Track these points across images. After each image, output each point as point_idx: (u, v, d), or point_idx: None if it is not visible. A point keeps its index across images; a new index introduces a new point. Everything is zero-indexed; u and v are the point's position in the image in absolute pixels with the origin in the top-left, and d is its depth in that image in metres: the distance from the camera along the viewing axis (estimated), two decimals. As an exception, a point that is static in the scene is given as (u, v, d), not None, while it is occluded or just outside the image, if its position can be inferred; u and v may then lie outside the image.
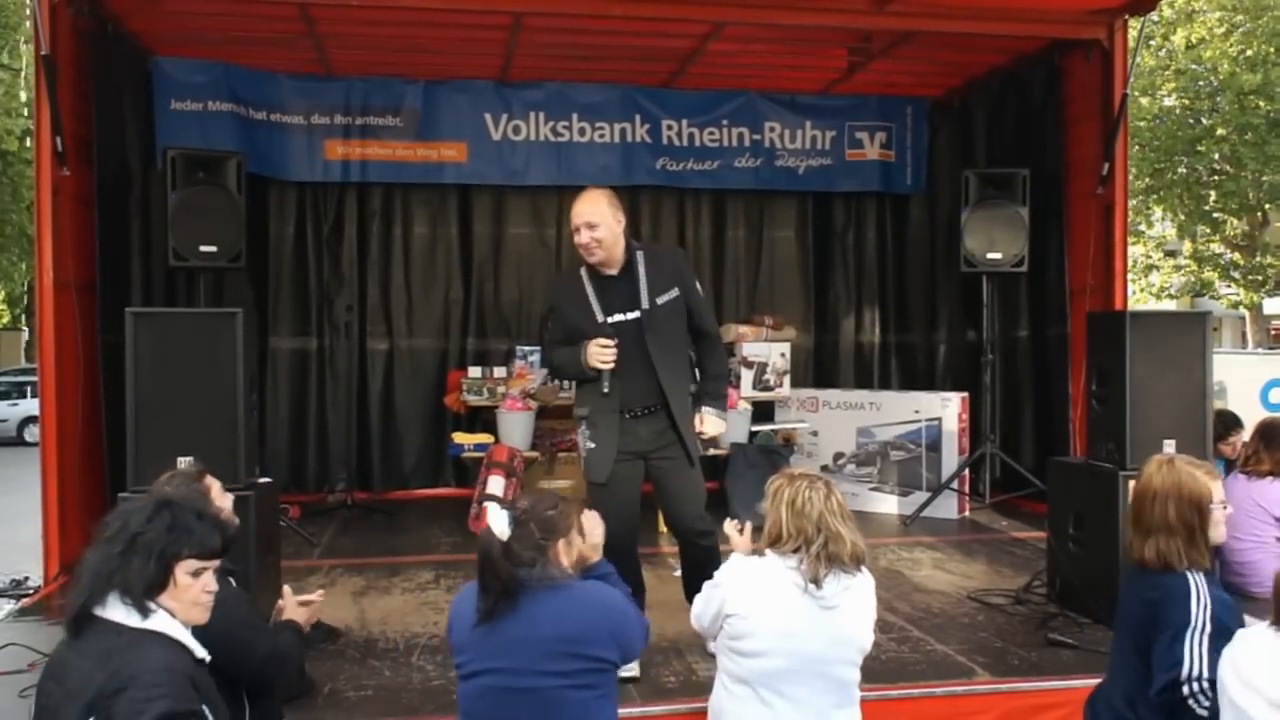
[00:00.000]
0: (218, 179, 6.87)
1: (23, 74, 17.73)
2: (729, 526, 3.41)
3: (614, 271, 4.29)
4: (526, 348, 8.01)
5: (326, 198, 8.52)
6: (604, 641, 2.82)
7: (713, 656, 3.29)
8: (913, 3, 6.60)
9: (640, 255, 4.32)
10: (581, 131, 8.45)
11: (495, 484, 6.80)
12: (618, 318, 4.25)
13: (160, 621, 2.33)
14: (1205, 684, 2.80)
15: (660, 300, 4.27)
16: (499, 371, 7.81)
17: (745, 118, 8.68)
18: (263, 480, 4.86)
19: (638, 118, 8.51)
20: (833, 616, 2.95)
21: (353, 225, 8.55)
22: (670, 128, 8.55)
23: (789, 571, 2.95)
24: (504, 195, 8.72)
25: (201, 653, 2.40)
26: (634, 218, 8.76)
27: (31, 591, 5.83)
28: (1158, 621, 2.94)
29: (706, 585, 3.10)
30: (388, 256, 8.65)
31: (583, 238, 4.18)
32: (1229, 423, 6.21)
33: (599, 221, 4.18)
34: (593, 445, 4.29)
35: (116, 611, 2.30)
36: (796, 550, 2.95)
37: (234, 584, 3.33)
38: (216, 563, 2.47)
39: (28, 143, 16.78)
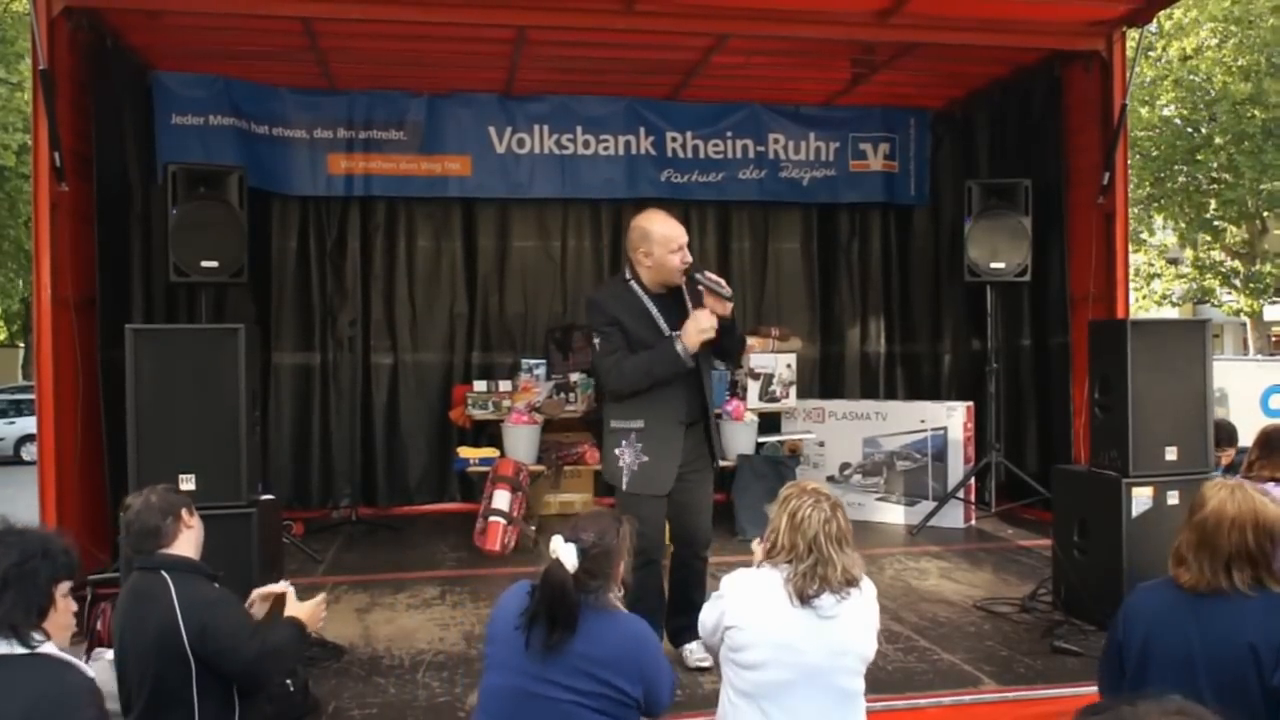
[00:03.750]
0: (219, 193, 6.86)
1: (21, 89, 17.73)
2: (756, 544, 3.28)
3: (664, 291, 4.34)
4: (532, 361, 8.02)
5: (329, 212, 8.50)
6: (629, 674, 2.80)
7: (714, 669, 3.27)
8: (914, 15, 6.63)
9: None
10: (586, 144, 8.46)
11: (501, 498, 6.80)
12: (674, 333, 4.28)
13: (49, 646, 2.37)
14: None
15: None
16: (504, 385, 7.82)
17: (749, 129, 8.71)
18: (265, 497, 4.83)
19: (642, 130, 8.53)
20: (831, 626, 2.91)
21: (356, 239, 8.53)
22: (675, 140, 8.58)
23: (785, 583, 2.93)
24: (508, 208, 8.72)
25: (89, 670, 2.42)
26: (638, 230, 8.77)
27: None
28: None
29: (713, 596, 3.09)
30: (391, 270, 8.64)
31: (688, 256, 4.27)
32: (1229, 435, 6.23)
33: None
34: (646, 458, 4.27)
35: None
36: (789, 562, 2.94)
37: (219, 587, 3.35)
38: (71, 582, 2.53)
39: (25, 157, 16.76)
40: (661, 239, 4.25)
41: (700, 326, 4.16)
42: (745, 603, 2.95)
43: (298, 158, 8.16)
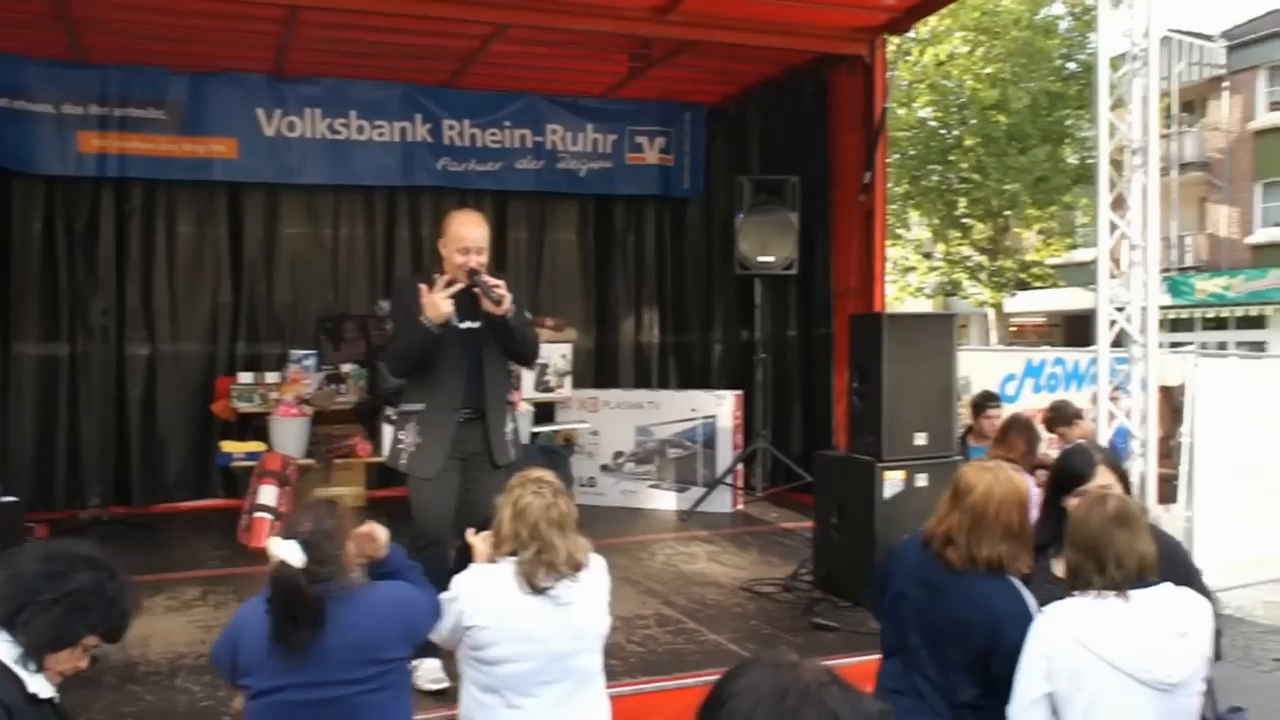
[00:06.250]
0: (-48, 170, 6.31)
1: None
2: (470, 534, 3.38)
3: (464, 283, 4.39)
4: (301, 352, 7.76)
5: (79, 193, 7.96)
6: (396, 642, 2.85)
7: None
8: (690, 13, 6.79)
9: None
10: (360, 129, 8.24)
11: (268, 493, 6.58)
12: (468, 324, 4.40)
13: (40, 680, 2.29)
14: None
15: None
16: (271, 377, 7.56)
17: (527, 119, 8.70)
18: (5, 500, 4.53)
19: (418, 117, 8.37)
20: (568, 612, 3.00)
21: (110, 223, 8.02)
22: (452, 128, 8.47)
23: (515, 574, 2.98)
24: (278, 194, 8.40)
25: (42, 690, 2.31)
26: (414, 219, 8.65)
27: None
28: (1001, 632, 2.91)
29: (442, 597, 3.08)
30: (149, 257, 8.15)
31: (473, 261, 4.34)
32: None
33: (486, 246, 4.43)
34: (420, 440, 4.39)
35: None
36: (514, 552, 3.00)
37: None
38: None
39: None
40: (453, 237, 4.39)
41: (438, 307, 4.23)
42: (483, 600, 2.98)
43: (43, 134, 7.58)
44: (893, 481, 5.24)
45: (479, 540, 3.31)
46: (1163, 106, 19.91)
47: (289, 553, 2.72)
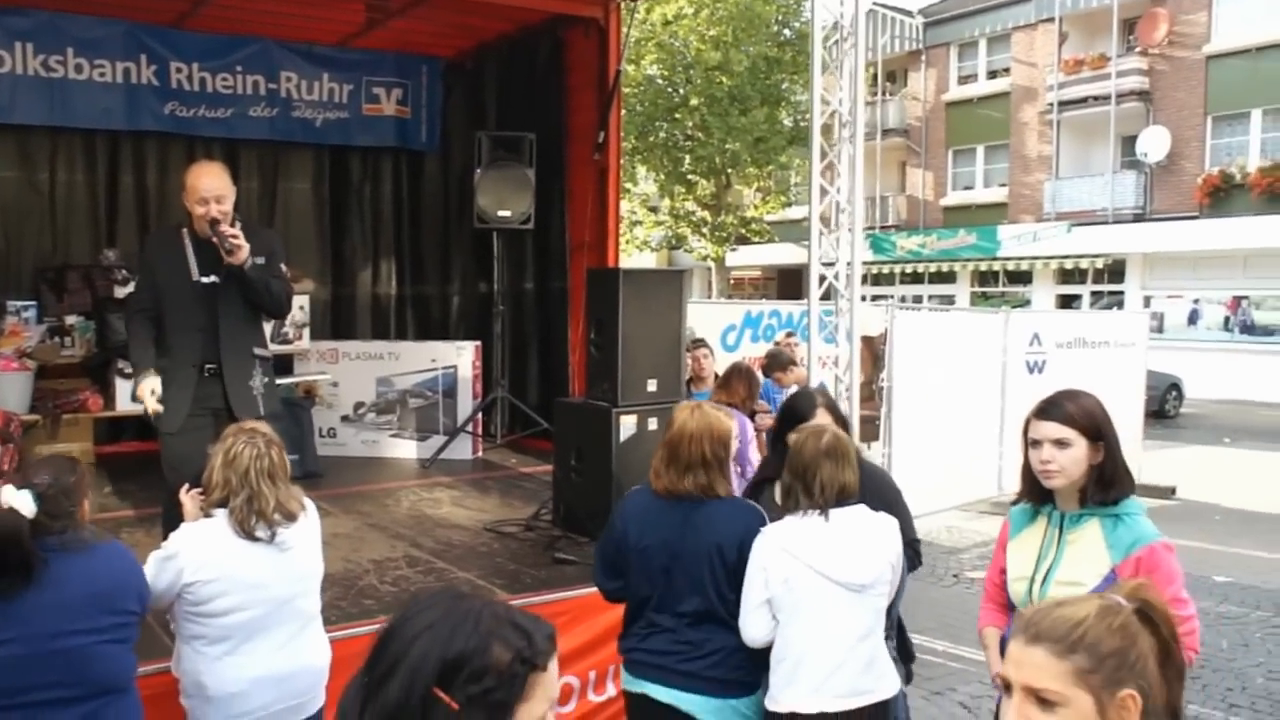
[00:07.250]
0: None
1: None
2: (182, 492, 3.48)
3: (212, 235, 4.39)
4: (19, 303, 7.30)
5: None
6: (132, 596, 2.94)
7: None
8: (426, -35, 6.85)
9: (238, 225, 4.46)
10: (78, 68, 7.72)
11: (-13, 450, 6.26)
12: (209, 279, 4.42)
13: None
14: None
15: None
16: (-15, 329, 7.12)
17: (260, 65, 8.45)
18: None
19: (144, 58, 7.95)
20: (290, 557, 3.23)
21: None
22: (180, 71, 8.10)
23: (228, 522, 3.16)
24: (-17, 134, 7.79)
25: None
26: (140, 166, 8.27)
27: None
28: (744, 545, 3.31)
29: (155, 556, 3.16)
30: None
31: (213, 211, 4.32)
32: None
33: (227, 195, 4.40)
34: (164, 396, 4.43)
35: None
36: (225, 501, 3.17)
37: None
38: None
39: None
40: (190, 189, 4.40)
41: (144, 393, 4.39)
42: (204, 554, 3.13)
43: None
44: (628, 425, 5.62)
45: (188, 499, 3.42)
46: (868, 76, 21.52)
47: (20, 501, 2.75)
